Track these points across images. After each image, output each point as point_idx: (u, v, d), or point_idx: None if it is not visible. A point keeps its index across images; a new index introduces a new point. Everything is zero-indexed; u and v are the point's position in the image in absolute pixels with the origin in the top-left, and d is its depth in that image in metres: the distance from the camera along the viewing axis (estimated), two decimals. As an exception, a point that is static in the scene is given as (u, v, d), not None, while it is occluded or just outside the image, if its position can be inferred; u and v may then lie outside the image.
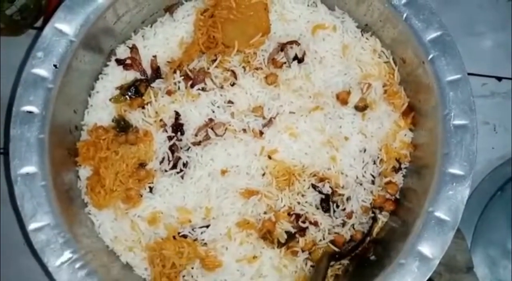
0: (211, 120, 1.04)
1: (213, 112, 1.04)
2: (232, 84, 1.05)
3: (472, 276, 1.09)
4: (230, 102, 1.05)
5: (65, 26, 0.97)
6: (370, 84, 1.06)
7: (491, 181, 1.19)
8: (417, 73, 1.02)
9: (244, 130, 1.04)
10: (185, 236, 1.03)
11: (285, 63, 1.06)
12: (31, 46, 0.98)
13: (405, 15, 0.99)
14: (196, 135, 1.03)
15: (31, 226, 0.91)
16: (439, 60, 0.97)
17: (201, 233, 1.03)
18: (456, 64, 0.97)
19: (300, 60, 1.07)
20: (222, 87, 1.05)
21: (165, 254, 1.01)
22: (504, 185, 1.19)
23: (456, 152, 0.94)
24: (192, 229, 1.03)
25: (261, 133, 1.04)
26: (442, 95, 0.97)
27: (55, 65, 0.96)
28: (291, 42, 1.06)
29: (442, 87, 0.97)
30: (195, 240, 1.03)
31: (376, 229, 1.07)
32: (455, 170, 0.94)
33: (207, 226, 1.03)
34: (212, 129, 1.03)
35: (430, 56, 0.98)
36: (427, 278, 0.91)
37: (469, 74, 0.97)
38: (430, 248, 0.92)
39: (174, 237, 1.03)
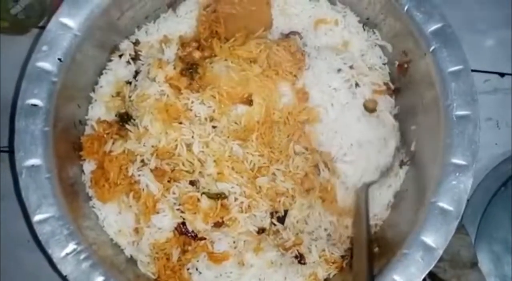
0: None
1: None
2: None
3: (476, 271, 1.08)
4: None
5: (69, 20, 0.97)
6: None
7: (494, 177, 1.19)
8: (419, 65, 1.02)
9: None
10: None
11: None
12: (35, 42, 0.98)
13: (406, 8, 1.00)
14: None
15: (36, 218, 0.92)
16: (440, 52, 0.98)
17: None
18: (458, 55, 0.97)
19: None
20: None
21: (169, 247, 1.01)
22: (508, 181, 1.18)
23: (458, 142, 0.94)
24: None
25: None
26: (444, 86, 0.97)
27: (59, 59, 0.96)
28: (293, 33, 1.07)
29: (444, 78, 0.97)
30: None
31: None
32: (457, 160, 0.94)
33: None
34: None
35: (432, 48, 0.98)
36: (431, 267, 0.91)
37: (471, 70, 0.97)
38: (434, 238, 0.91)
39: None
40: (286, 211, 1.02)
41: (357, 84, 1.06)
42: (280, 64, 1.02)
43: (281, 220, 1.02)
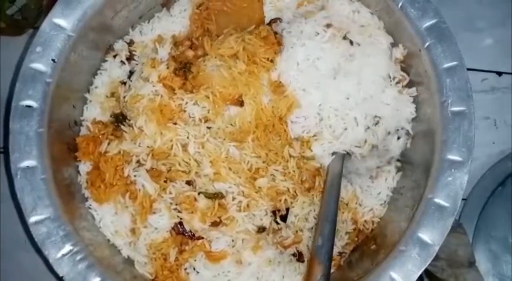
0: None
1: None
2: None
3: (474, 270, 1.08)
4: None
5: (62, 21, 0.97)
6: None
7: (492, 176, 1.19)
8: (414, 61, 1.02)
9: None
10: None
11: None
12: (29, 43, 0.98)
13: (400, 4, 1.00)
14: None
15: (32, 219, 0.92)
16: (435, 48, 0.98)
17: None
18: (452, 51, 0.97)
19: None
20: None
21: (166, 247, 1.01)
22: (505, 180, 1.19)
23: (454, 139, 0.94)
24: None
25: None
26: (439, 83, 0.97)
27: (53, 60, 0.96)
28: (274, 20, 1.06)
29: (439, 74, 0.97)
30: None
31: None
32: (453, 156, 0.94)
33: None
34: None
35: (426, 44, 0.98)
36: (428, 264, 0.91)
37: (469, 69, 0.97)
38: (430, 235, 0.92)
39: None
40: (287, 209, 1.02)
41: (351, 42, 1.02)
42: (256, 53, 1.00)
43: (284, 218, 1.02)
